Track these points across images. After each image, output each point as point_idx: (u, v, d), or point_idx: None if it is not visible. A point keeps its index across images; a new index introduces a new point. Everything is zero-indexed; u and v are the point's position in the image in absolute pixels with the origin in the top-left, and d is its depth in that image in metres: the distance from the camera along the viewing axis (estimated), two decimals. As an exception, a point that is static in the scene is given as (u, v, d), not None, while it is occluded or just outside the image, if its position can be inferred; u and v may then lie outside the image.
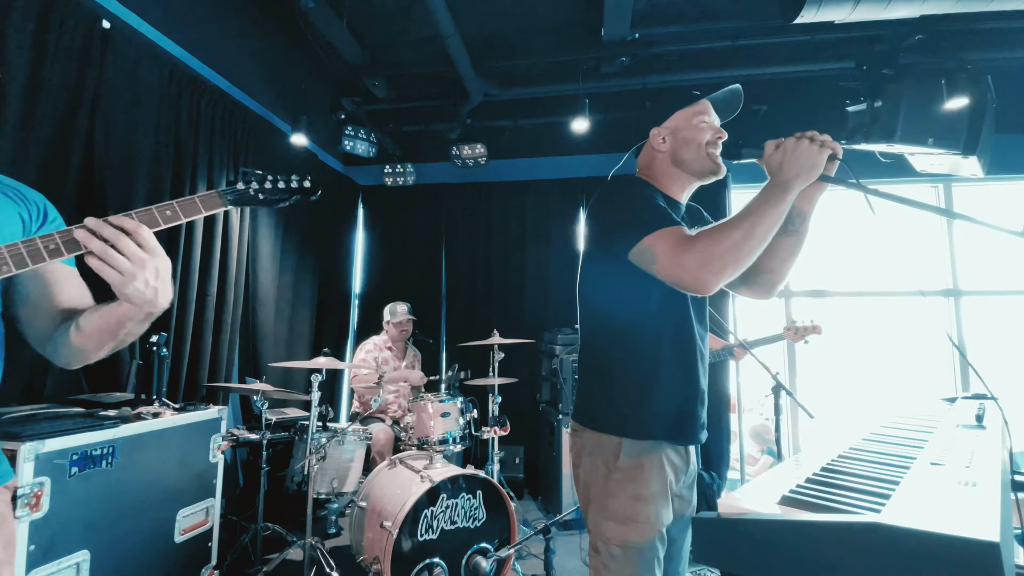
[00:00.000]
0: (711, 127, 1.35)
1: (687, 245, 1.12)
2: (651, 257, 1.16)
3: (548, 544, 2.26)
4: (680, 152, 1.35)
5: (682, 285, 1.14)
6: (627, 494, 1.23)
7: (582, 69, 3.94)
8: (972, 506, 0.61)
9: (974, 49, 3.44)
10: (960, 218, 1.05)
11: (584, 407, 1.36)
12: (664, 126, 1.37)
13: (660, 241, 1.15)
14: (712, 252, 1.09)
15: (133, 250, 0.85)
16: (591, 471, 1.29)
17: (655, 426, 1.26)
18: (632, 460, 1.24)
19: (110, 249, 0.84)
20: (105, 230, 0.85)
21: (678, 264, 1.12)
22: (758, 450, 4.73)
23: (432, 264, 5.01)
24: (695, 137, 1.33)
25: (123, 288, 0.86)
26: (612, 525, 1.23)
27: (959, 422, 1.18)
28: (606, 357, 1.34)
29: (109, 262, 0.84)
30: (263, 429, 2.77)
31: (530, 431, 4.33)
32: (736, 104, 1.42)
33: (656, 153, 1.39)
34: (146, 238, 0.87)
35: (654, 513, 1.22)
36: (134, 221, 0.87)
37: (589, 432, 1.31)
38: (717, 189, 4.51)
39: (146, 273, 0.87)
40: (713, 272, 1.09)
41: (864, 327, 4.66)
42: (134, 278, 0.86)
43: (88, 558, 1.73)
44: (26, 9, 2.11)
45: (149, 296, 0.89)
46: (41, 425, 1.68)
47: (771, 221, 1.11)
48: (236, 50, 3.49)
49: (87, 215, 0.88)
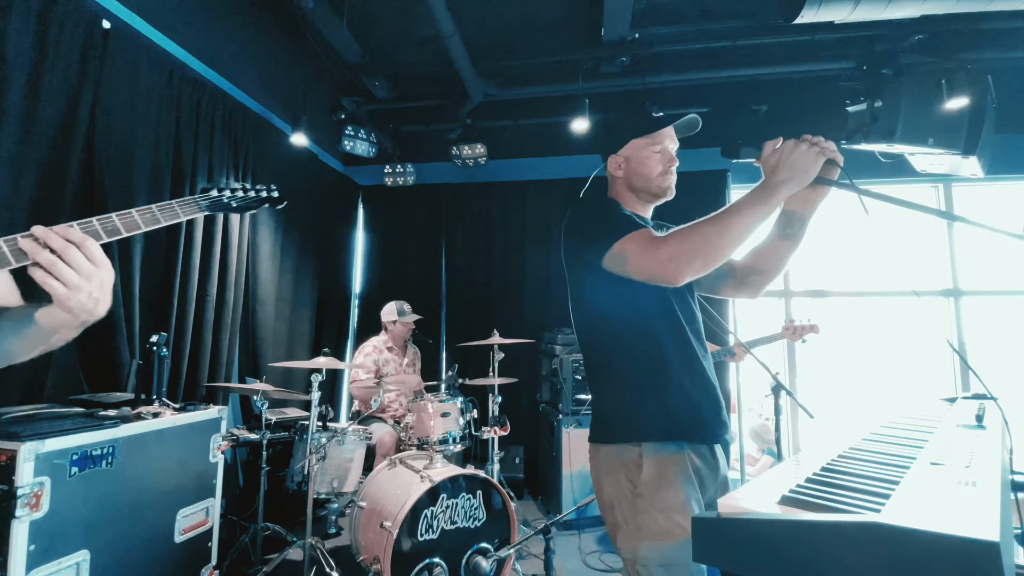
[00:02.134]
0: (663, 158, 1.39)
1: (656, 243, 1.16)
2: (623, 259, 1.20)
3: (548, 544, 2.25)
4: (632, 180, 1.42)
5: (654, 278, 1.17)
6: (658, 508, 1.16)
7: (582, 69, 3.94)
8: (972, 506, 0.61)
9: (974, 49, 3.44)
10: (952, 219, 1.05)
11: (598, 425, 1.33)
12: (620, 153, 1.43)
13: (629, 243, 1.20)
14: (681, 246, 1.12)
15: (81, 263, 0.83)
16: (614, 491, 1.24)
17: (672, 425, 1.23)
18: (656, 470, 1.19)
19: (59, 262, 0.82)
20: (53, 241, 0.82)
21: (648, 258, 1.16)
22: (758, 450, 4.73)
23: (432, 264, 5.01)
24: (645, 170, 1.39)
25: (67, 301, 0.83)
26: (648, 545, 1.15)
27: (959, 422, 1.18)
28: (608, 369, 1.33)
29: (56, 275, 0.82)
30: (263, 429, 2.77)
31: (530, 431, 4.34)
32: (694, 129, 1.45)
33: (614, 177, 1.46)
34: (93, 251, 0.85)
35: (688, 522, 1.13)
36: (80, 233, 0.85)
37: (606, 448, 1.28)
38: (717, 189, 4.51)
39: (92, 286, 0.84)
40: (682, 263, 1.12)
41: (864, 327, 4.66)
42: (79, 291, 0.83)
43: (88, 558, 1.73)
44: (26, 9, 2.11)
45: (90, 307, 0.86)
46: (41, 425, 1.68)
47: (748, 220, 1.12)
48: (236, 50, 3.49)
49: (87, 215, 0.87)
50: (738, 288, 1.44)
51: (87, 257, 0.84)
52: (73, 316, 0.86)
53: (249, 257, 3.58)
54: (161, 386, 2.34)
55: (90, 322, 0.90)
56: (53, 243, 0.82)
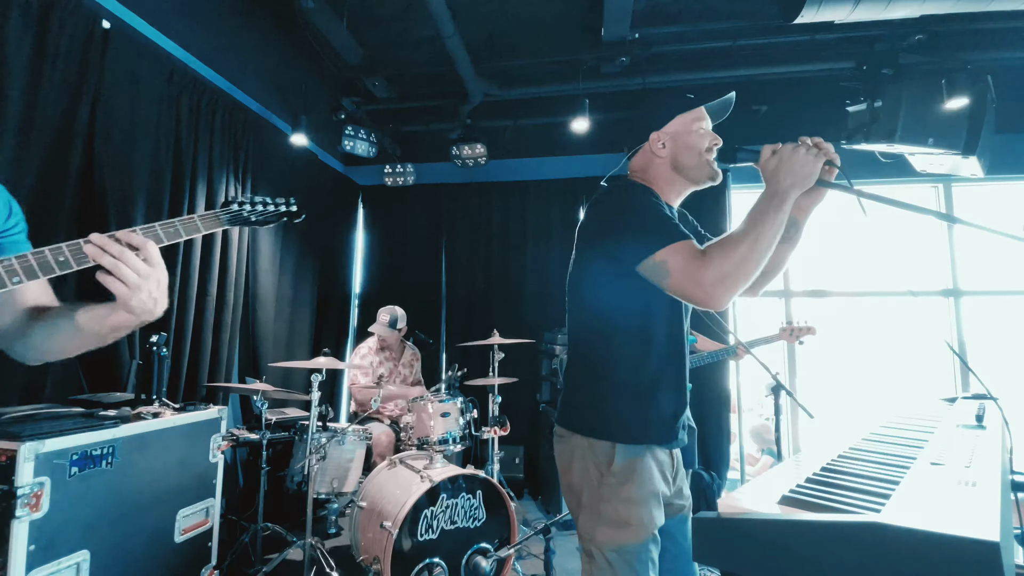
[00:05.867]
0: (709, 134, 1.34)
1: (700, 261, 1.12)
2: (664, 272, 1.15)
3: (548, 544, 2.25)
4: (680, 158, 1.34)
5: (693, 300, 1.15)
6: (620, 498, 1.23)
7: (582, 69, 3.94)
8: (972, 506, 0.61)
9: (974, 49, 3.44)
10: (950, 220, 1.05)
11: (573, 412, 1.34)
12: (664, 131, 1.35)
13: (673, 256, 1.15)
14: (724, 268, 1.09)
15: (140, 265, 0.90)
16: (582, 476, 1.29)
17: (650, 432, 1.27)
18: (625, 464, 1.24)
19: (121, 264, 0.88)
20: (112, 246, 0.89)
21: (692, 280, 1.12)
22: (758, 450, 4.73)
23: (432, 264, 5.01)
24: (695, 144, 1.32)
25: (128, 300, 0.90)
26: (606, 530, 1.23)
27: (959, 422, 1.18)
28: (599, 362, 1.32)
29: (119, 276, 0.88)
30: (263, 429, 2.77)
31: (530, 431, 4.33)
32: (726, 111, 1.42)
33: (655, 158, 1.37)
34: (152, 253, 0.92)
35: (647, 515, 1.22)
36: (141, 237, 0.92)
37: (579, 437, 1.30)
38: (717, 190, 4.49)
39: (150, 286, 0.91)
40: (727, 288, 1.10)
41: (864, 327, 4.66)
42: (140, 291, 0.89)
43: (88, 558, 1.73)
44: (26, 9, 2.11)
45: (150, 307, 0.92)
46: (41, 425, 1.68)
47: (774, 232, 1.12)
48: (236, 50, 3.49)
49: (87, 215, 0.89)
50: None
51: (145, 259, 0.91)
52: (134, 316, 0.93)
53: (249, 257, 3.58)
54: (161, 386, 2.34)
55: (148, 321, 0.96)
56: (112, 248, 0.89)
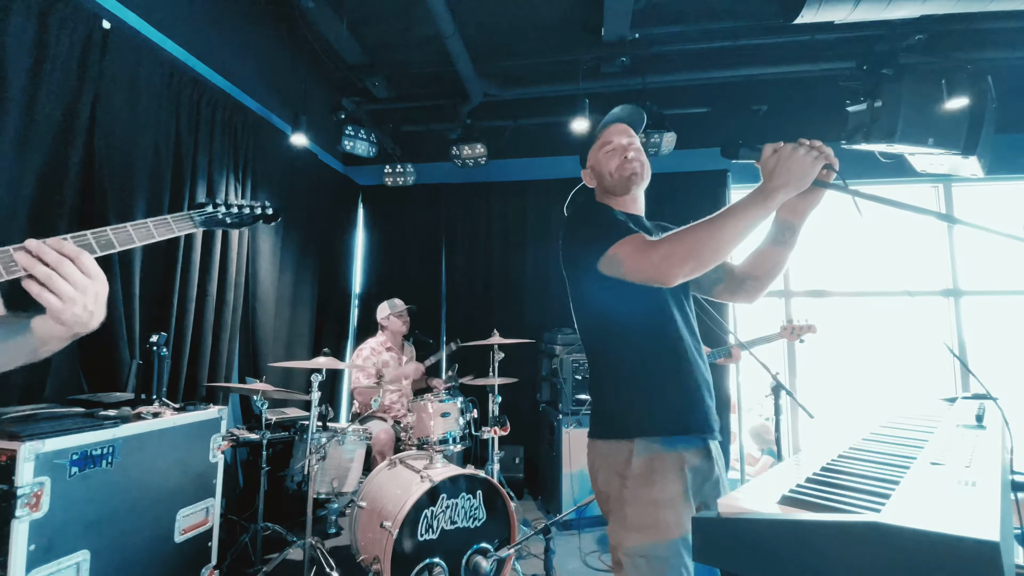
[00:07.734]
0: (616, 152, 1.46)
1: (650, 246, 1.20)
2: (618, 262, 1.24)
3: (548, 544, 2.26)
4: (603, 183, 1.50)
5: (648, 279, 1.20)
6: (643, 500, 1.19)
7: (582, 69, 3.94)
8: (972, 506, 0.61)
9: (974, 49, 3.44)
10: (949, 220, 1.05)
11: (593, 420, 1.38)
12: (587, 166, 1.55)
13: (623, 247, 1.23)
14: (673, 247, 1.16)
15: (76, 277, 0.83)
16: (607, 483, 1.28)
17: (659, 420, 1.25)
18: (644, 464, 1.22)
19: (55, 276, 0.81)
20: (47, 254, 0.82)
21: (641, 260, 1.19)
22: (758, 450, 4.73)
23: (432, 264, 5.01)
24: (606, 166, 1.47)
25: (61, 314, 0.83)
26: (632, 535, 1.19)
27: (959, 422, 1.18)
28: (603, 367, 1.37)
29: (52, 288, 0.81)
30: (263, 429, 2.77)
31: (530, 431, 4.33)
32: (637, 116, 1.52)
33: (593, 188, 1.56)
34: (87, 264, 0.85)
35: (674, 518, 1.17)
36: (74, 247, 0.85)
37: (600, 443, 1.32)
38: (717, 188, 4.51)
39: (87, 299, 0.84)
40: (674, 264, 1.15)
41: (864, 327, 4.66)
42: (74, 304, 0.83)
43: (88, 558, 1.73)
44: (26, 9, 2.11)
45: (84, 320, 0.86)
46: (41, 425, 1.68)
47: (743, 223, 1.13)
48: (236, 50, 3.49)
49: (87, 215, 0.88)
50: (734, 292, 1.46)
51: (81, 270, 0.84)
52: (67, 328, 0.86)
53: (249, 257, 3.58)
54: (161, 386, 2.34)
55: (82, 334, 0.89)
56: (47, 256, 0.82)
